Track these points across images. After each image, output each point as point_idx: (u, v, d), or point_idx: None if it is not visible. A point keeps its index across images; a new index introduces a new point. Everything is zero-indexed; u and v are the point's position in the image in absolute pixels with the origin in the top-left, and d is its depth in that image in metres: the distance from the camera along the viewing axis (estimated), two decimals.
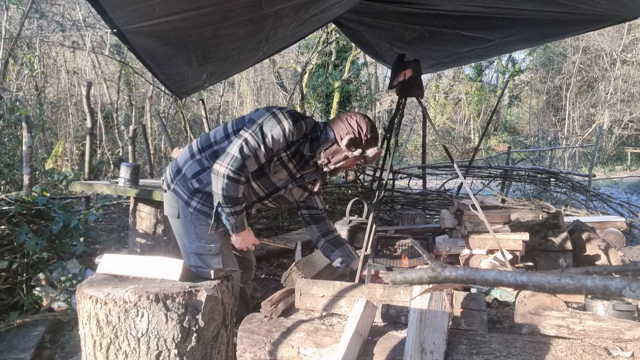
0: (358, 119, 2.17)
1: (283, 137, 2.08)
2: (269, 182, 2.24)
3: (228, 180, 2.05)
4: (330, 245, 2.52)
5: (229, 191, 2.06)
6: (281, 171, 2.21)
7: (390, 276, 0.72)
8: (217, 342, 1.35)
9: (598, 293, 0.54)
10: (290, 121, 2.09)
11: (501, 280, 0.61)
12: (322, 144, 2.18)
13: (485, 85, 21.11)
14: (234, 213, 2.13)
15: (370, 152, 2.17)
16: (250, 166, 2.10)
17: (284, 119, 2.08)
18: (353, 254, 2.53)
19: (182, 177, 2.26)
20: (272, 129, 2.06)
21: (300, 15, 3.03)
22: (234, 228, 2.16)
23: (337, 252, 2.51)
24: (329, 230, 2.54)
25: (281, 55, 14.48)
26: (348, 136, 2.12)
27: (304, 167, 2.25)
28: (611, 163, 17.83)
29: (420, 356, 1.84)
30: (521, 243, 3.27)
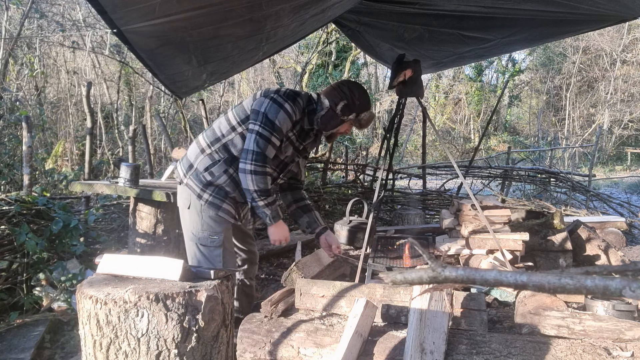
0: (350, 85, 2.31)
1: (288, 119, 2.20)
2: (279, 161, 2.34)
3: (255, 175, 2.16)
4: (299, 210, 2.60)
5: (259, 184, 2.17)
6: (288, 148, 2.32)
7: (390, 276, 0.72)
8: (217, 342, 1.35)
9: (598, 293, 0.54)
10: (290, 102, 2.20)
11: (501, 280, 0.61)
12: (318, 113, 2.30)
13: (485, 85, 21.11)
14: (269, 204, 2.22)
15: (364, 116, 2.30)
16: (270, 154, 2.20)
17: (284, 102, 2.19)
18: (319, 221, 2.60)
19: (194, 171, 2.34)
20: (277, 114, 2.17)
21: (300, 15, 3.03)
22: (271, 218, 2.25)
23: (304, 217, 2.59)
24: (302, 198, 2.62)
25: (281, 55, 14.48)
26: (342, 102, 2.26)
27: (305, 138, 2.38)
28: (611, 163, 17.84)
29: (420, 356, 1.84)
30: (521, 243, 3.27)
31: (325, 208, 5.88)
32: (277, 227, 2.29)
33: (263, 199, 2.20)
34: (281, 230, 2.31)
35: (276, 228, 2.29)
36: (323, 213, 5.80)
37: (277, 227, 2.30)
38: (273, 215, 2.25)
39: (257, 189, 2.17)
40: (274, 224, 2.28)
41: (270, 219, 2.25)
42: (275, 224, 2.28)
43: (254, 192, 2.18)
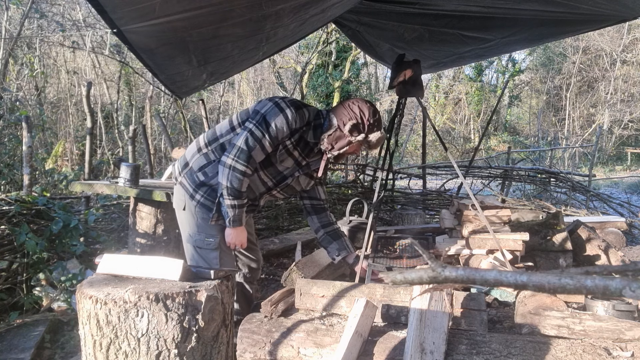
0: (360, 105, 2.20)
1: (286, 125, 2.12)
2: (276, 171, 2.27)
3: (234, 172, 2.10)
4: (328, 236, 2.53)
5: (233, 182, 2.11)
6: (287, 160, 2.24)
7: (390, 276, 0.72)
8: (217, 342, 1.35)
9: (598, 293, 0.54)
10: (293, 109, 2.13)
11: (501, 280, 0.61)
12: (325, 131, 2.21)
13: (485, 85, 21.11)
14: (234, 206, 2.16)
15: (373, 137, 2.18)
16: (257, 157, 2.14)
17: (286, 107, 2.13)
18: (350, 248, 2.54)
19: (189, 170, 2.31)
20: (276, 117, 2.11)
21: (300, 15, 3.03)
22: (231, 221, 2.19)
23: (334, 245, 2.52)
24: (329, 222, 2.55)
25: (281, 55, 14.48)
26: (350, 122, 2.15)
27: (309, 154, 2.29)
28: (611, 163, 17.84)
29: (420, 356, 1.84)
30: (521, 243, 3.27)
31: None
32: (236, 230, 2.24)
33: (230, 198, 2.14)
34: (238, 234, 2.25)
35: (234, 231, 2.24)
36: None
37: (236, 231, 2.24)
38: (234, 219, 2.19)
39: (229, 185, 2.12)
40: (232, 228, 2.22)
41: (231, 221, 2.20)
42: (233, 227, 2.22)
43: (225, 188, 2.13)
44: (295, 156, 2.26)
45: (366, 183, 6.79)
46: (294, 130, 2.16)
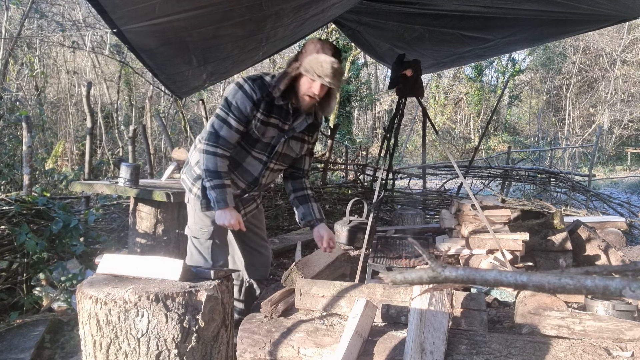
0: (305, 43, 2.19)
1: (246, 99, 2.15)
2: (263, 145, 2.28)
3: (206, 155, 2.16)
4: (296, 200, 2.54)
5: (208, 164, 2.15)
6: (268, 130, 2.24)
7: (390, 276, 0.72)
8: (217, 342, 1.35)
9: (598, 293, 0.54)
10: (250, 82, 2.17)
11: (501, 280, 0.61)
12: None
13: (485, 85, 21.11)
14: (214, 187, 2.17)
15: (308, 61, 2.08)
16: (228, 136, 2.17)
17: (244, 83, 2.17)
18: (315, 214, 2.48)
19: (188, 166, 2.44)
20: (235, 95, 2.16)
21: (300, 15, 3.03)
22: (215, 202, 2.18)
23: (300, 209, 2.51)
24: (302, 187, 2.55)
25: (281, 55, 14.46)
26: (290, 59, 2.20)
27: (287, 117, 2.27)
28: (611, 163, 17.83)
29: (420, 356, 1.84)
30: (521, 243, 3.27)
31: (325, 208, 5.88)
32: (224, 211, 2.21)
33: (209, 180, 2.17)
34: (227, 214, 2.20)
35: (222, 212, 2.21)
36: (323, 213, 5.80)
37: (224, 212, 2.21)
38: (217, 200, 2.18)
39: (205, 168, 2.16)
40: (218, 209, 2.20)
41: (214, 202, 2.18)
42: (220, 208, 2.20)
43: (202, 171, 2.18)
44: (275, 124, 2.25)
45: (366, 183, 6.78)
46: (257, 101, 2.16)
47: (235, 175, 2.33)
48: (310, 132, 2.43)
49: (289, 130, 2.30)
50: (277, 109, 2.23)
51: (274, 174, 2.43)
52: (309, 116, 2.31)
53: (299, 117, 2.30)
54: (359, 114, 20.66)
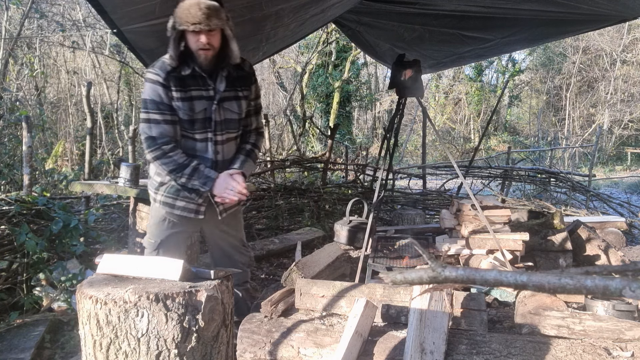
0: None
1: (154, 87, 2.05)
2: (200, 122, 2.14)
3: (157, 160, 2.07)
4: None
5: (167, 166, 2.07)
6: (194, 104, 2.10)
7: (390, 276, 0.72)
8: (217, 342, 1.35)
9: (598, 293, 0.54)
10: (150, 69, 2.08)
11: (501, 280, 0.61)
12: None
13: (485, 85, 21.10)
14: (190, 176, 2.09)
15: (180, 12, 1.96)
16: (162, 132, 2.06)
17: (147, 74, 2.10)
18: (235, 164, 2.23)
19: (149, 179, 2.36)
20: (145, 91, 2.08)
21: (300, 15, 3.03)
22: (202, 185, 2.10)
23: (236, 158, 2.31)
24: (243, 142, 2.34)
25: (281, 55, 14.48)
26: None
27: (205, 83, 2.12)
28: (611, 163, 17.83)
29: (420, 356, 1.84)
30: (521, 243, 3.27)
31: (325, 208, 5.88)
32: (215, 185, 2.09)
33: (180, 176, 2.08)
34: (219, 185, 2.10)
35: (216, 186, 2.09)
36: (323, 213, 5.80)
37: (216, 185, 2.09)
38: (203, 182, 2.09)
39: (169, 170, 2.08)
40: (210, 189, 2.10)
41: (202, 185, 2.10)
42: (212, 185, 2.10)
43: (170, 175, 2.10)
44: (197, 95, 2.11)
45: (366, 183, 6.78)
46: (164, 82, 2.04)
47: None
48: (242, 86, 2.22)
49: (215, 94, 2.14)
50: (191, 80, 2.09)
51: (229, 146, 2.24)
52: (222, 70, 2.13)
53: (218, 77, 2.13)
54: (359, 114, 20.66)
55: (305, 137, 13.01)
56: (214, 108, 2.13)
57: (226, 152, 2.24)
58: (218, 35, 2.02)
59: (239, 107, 2.22)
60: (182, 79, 2.06)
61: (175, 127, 2.10)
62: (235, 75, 2.18)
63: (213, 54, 2.05)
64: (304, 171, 7.15)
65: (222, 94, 2.14)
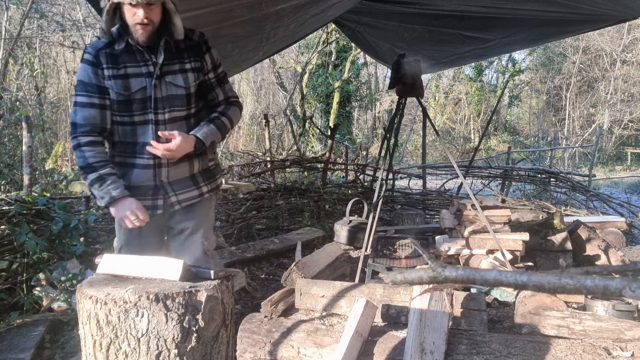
0: None
1: (85, 67, 1.85)
2: (139, 102, 1.88)
3: (75, 151, 1.86)
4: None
5: (78, 161, 1.86)
6: (131, 82, 1.86)
7: (390, 276, 0.72)
8: (217, 342, 1.35)
9: (598, 293, 0.54)
10: (85, 50, 1.90)
11: (501, 280, 0.61)
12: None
13: (485, 85, 21.10)
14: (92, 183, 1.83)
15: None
16: (85, 119, 1.84)
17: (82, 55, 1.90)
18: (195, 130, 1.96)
19: None
20: (78, 72, 1.90)
21: (300, 15, 3.03)
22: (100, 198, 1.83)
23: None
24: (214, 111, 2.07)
25: (281, 55, 14.47)
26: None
27: (145, 57, 1.87)
28: (611, 163, 17.82)
29: (420, 356, 1.84)
30: (521, 243, 3.27)
31: (325, 208, 5.88)
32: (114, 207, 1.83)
33: (85, 178, 1.84)
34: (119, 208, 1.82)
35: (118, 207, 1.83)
36: (323, 213, 5.80)
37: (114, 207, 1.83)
38: (101, 196, 1.81)
39: (79, 166, 1.85)
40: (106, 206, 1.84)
41: (99, 199, 1.83)
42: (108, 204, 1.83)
43: (79, 171, 1.91)
44: (134, 72, 1.87)
45: (366, 183, 6.78)
46: (95, 60, 1.83)
47: (138, 158, 1.92)
48: (191, 56, 1.95)
49: (155, 68, 1.88)
50: (126, 55, 1.85)
51: (175, 127, 1.92)
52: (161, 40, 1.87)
53: (157, 49, 1.88)
54: (359, 114, 20.66)
55: (305, 137, 13.01)
56: (153, 83, 1.87)
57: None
58: (158, 9, 1.79)
59: (185, 80, 1.92)
60: (115, 55, 1.84)
61: (104, 113, 1.87)
62: (182, 46, 1.92)
63: (152, 30, 1.81)
64: (304, 171, 7.15)
65: (162, 67, 1.88)
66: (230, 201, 5.46)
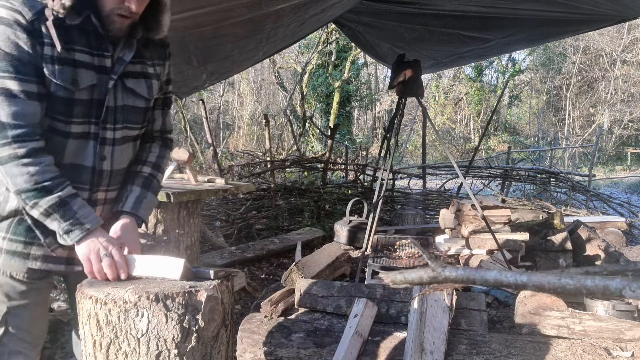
0: None
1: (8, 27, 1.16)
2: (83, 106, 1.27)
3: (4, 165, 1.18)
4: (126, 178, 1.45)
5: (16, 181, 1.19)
6: (79, 74, 1.24)
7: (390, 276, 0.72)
8: (217, 342, 1.35)
9: (598, 293, 0.54)
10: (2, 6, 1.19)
11: (501, 280, 0.61)
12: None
13: (485, 85, 21.11)
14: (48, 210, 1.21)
15: None
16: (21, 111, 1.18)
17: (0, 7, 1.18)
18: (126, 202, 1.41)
19: None
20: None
21: (300, 15, 3.03)
22: (66, 232, 1.23)
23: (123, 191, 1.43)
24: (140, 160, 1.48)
25: (281, 55, 14.48)
26: None
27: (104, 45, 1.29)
28: (611, 163, 17.83)
29: (420, 356, 1.84)
30: (521, 243, 3.28)
31: (325, 208, 5.88)
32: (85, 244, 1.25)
33: (33, 203, 1.20)
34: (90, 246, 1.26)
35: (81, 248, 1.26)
36: (323, 213, 5.80)
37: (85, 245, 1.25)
38: (65, 229, 1.22)
39: (18, 188, 1.19)
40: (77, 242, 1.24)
41: (65, 233, 1.22)
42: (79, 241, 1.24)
43: (17, 196, 1.21)
44: (85, 61, 1.25)
45: (366, 183, 6.79)
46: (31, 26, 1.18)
47: None
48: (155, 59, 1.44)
49: (115, 64, 1.32)
50: (77, 35, 1.25)
51: (124, 150, 1.40)
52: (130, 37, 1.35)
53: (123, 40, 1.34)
54: (359, 114, 20.68)
55: (305, 137, 13.01)
56: (110, 85, 1.31)
57: (117, 160, 1.38)
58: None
59: (148, 88, 1.41)
60: (65, 29, 1.22)
61: (43, 107, 1.23)
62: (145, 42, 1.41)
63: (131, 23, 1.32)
64: (304, 171, 7.15)
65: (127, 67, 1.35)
66: (230, 201, 5.46)
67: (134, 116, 1.40)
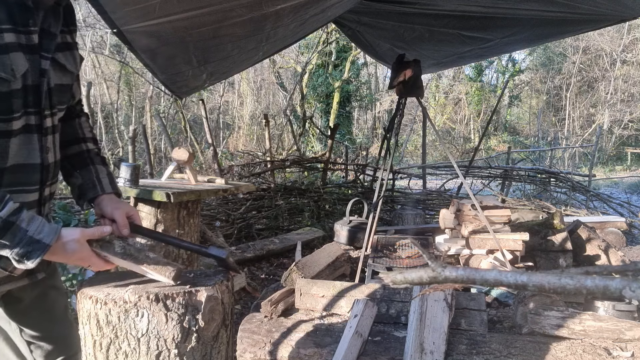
0: None
1: None
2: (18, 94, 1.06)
3: None
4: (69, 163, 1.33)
5: None
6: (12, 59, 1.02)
7: (390, 276, 0.72)
8: (217, 342, 1.35)
9: (598, 293, 0.54)
10: None
11: (501, 280, 0.61)
12: None
13: (485, 85, 21.11)
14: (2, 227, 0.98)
15: None
16: None
17: None
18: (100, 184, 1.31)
19: None
20: None
21: (300, 15, 3.03)
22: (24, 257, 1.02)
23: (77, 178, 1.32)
24: (76, 138, 1.36)
25: (281, 55, 14.48)
26: None
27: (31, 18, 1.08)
28: (611, 163, 17.83)
29: (420, 356, 1.84)
30: (521, 243, 3.28)
31: (325, 208, 5.88)
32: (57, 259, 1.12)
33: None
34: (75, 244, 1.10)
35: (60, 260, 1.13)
36: (323, 213, 5.80)
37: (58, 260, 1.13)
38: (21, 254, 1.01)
39: None
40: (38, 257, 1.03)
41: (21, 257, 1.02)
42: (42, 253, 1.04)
43: None
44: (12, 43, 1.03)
45: (366, 183, 6.79)
46: None
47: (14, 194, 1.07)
48: (67, 25, 1.29)
49: (46, 40, 1.13)
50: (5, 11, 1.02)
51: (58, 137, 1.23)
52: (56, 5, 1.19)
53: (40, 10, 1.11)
54: (359, 114, 20.67)
55: (305, 137, 13.02)
56: (47, 66, 1.12)
57: (57, 149, 1.23)
58: None
59: (74, 61, 1.26)
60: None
61: None
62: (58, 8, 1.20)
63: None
64: (304, 171, 7.15)
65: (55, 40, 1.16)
66: (230, 201, 5.46)
67: (64, 96, 1.23)
